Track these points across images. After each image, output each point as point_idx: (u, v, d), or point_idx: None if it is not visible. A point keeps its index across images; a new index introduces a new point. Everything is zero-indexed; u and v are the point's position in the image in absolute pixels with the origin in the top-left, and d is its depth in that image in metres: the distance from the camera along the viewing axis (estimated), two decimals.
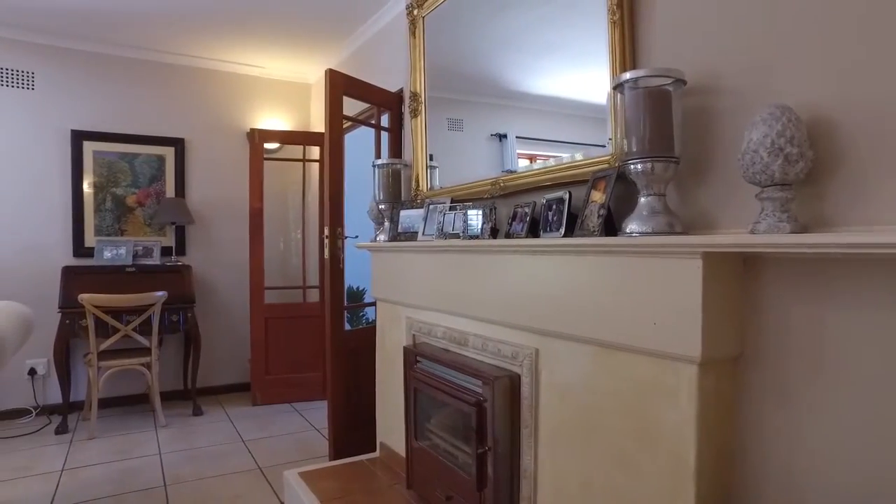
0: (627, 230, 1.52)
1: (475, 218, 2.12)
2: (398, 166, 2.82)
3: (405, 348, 2.46)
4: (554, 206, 1.84)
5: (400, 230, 2.62)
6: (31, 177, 4.17)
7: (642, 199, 1.54)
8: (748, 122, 1.29)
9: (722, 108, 1.50)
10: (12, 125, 4.11)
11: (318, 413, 4.26)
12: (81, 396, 4.17)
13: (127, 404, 4.40)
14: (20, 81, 4.11)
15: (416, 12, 2.75)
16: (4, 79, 4.06)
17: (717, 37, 1.51)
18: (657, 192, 1.53)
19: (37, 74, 4.16)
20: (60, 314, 3.84)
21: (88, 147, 4.29)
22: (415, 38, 2.76)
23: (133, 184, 4.44)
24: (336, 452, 3.06)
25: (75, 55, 4.28)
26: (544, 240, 1.78)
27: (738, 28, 1.46)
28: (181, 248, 4.55)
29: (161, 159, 4.52)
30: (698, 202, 1.57)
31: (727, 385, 1.41)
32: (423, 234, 2.44)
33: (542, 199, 1.92)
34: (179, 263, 4.40)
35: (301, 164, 4.83)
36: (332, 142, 2.97)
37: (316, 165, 4.77)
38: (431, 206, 2.43)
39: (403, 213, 2.62)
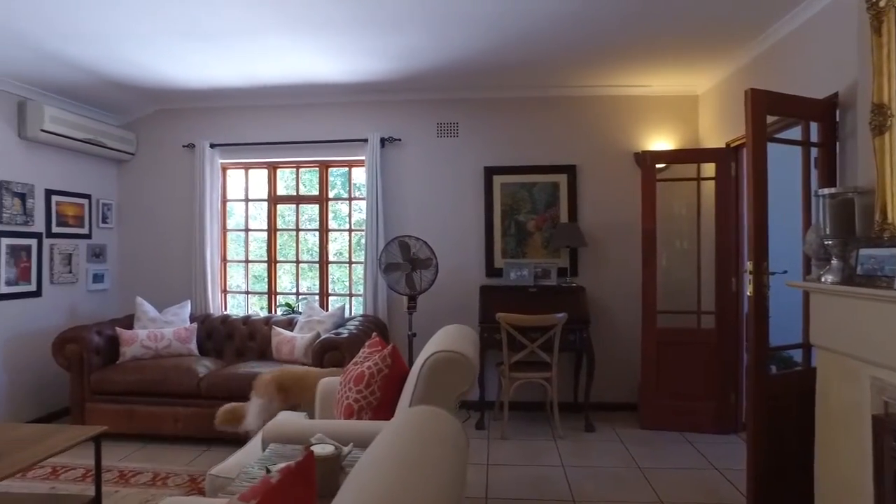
0: None
1: None
2: (850, 195, 2.38)
3: (875, 418, 2.05)
4: None
5: (860, 272, 2.20)
6: (455, 209, 5.02)
7: None
8: None
9: None
10: (444, 167, 5.03)
11: (713, 448, 3.98)
12: (490, 397, 4.78)
13: (527, 409, 4.87)
14: (449, 131, 5.00)
15: (882, 4, 2.27)
16: (440, 131, 5.01)
17: None
18: None
19: (460, 124, 5.00)
20: (480, 328, 4.48)
21: (497, 180, 4.93)
22: (880, 35, 2.27)
23: (532, 210, 4.92)
24: None
25: (486, 103, 4.99)
26: None
27: None
28: (574, 270, 4.84)
29: (555, 186, 4.89)
30: None
31: None
32: None
33: None
34: (574, 284, 4.68)
35: (693, 182, 4.58)
36: (756, 169, 2.70)
37: (707, 183, 4.48)
38: None
39: (864, 252, 2.19)
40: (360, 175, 5.28)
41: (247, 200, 5.50)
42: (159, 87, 4.75)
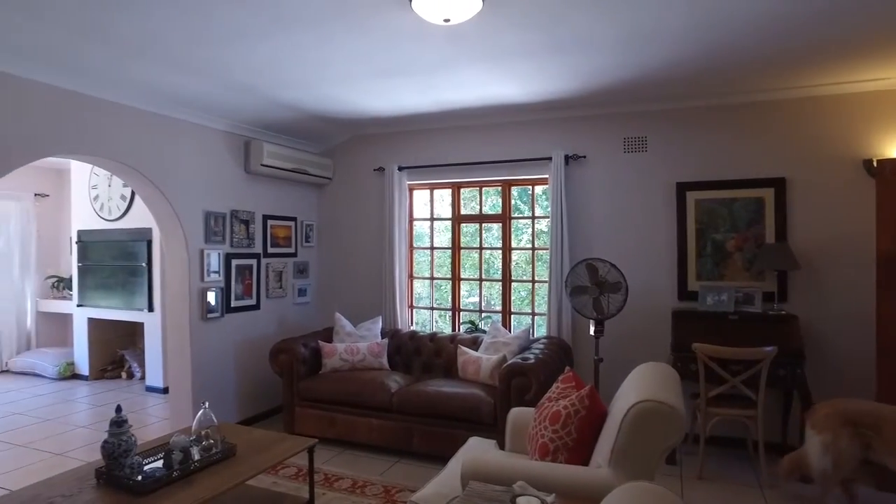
0: None
1: None
2: None
3: None
4: None
5: None
6: (643, 227, 4.75)
7: None
8: None
9: None
10: (631, 184, 4.78)
11: None
12: None
13: (724, 445, 4.42)
14: (637, 146, 4.74)
15: None
16: (627, 146, 4.77)
17: None
18: None
19: (648, 138, 4.71)
20: (672, 356, 4.17)
21: (690, 197, 4.56)
22: None
23: (731, 228, 4.46)
24: None
25: (677, 114, 4.63)
26: None
27: None
28: (783, 295, 4.29)
29: (759, 202, 4.38)
30: None
31: None
32: None
33: None
34: (783, 312, 4.15)
35: None
36: None
37: None
38: None
39: None
40: (541, 190, 5.24)
41: (432, 219, 5.73)
42: (354, 118, 5.14)
